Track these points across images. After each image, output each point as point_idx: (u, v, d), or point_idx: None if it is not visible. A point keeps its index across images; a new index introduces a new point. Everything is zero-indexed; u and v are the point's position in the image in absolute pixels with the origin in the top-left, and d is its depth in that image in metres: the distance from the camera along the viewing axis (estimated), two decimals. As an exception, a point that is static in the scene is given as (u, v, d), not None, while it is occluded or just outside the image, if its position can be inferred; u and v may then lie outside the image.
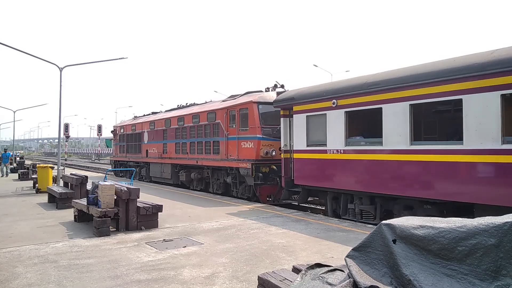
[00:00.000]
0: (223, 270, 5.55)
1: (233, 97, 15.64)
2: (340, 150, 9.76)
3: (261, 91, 14.55)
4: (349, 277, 3.20)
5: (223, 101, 16.05)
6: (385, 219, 10.86)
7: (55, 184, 15.72)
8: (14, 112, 38.76)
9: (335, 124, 9.88)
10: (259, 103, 13.52)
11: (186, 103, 20.32)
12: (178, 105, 21.20)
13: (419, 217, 3.40)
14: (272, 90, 14.38)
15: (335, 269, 3.57)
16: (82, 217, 9.27)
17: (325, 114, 10.16)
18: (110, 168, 26.18)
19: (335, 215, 10.35)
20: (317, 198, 12.16)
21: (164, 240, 7.44)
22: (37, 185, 16.27)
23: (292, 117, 11.53)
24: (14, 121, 39.32)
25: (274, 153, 13.17)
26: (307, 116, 10.83)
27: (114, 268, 5.69)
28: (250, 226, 8.67)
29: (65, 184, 13.71)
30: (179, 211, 10.84)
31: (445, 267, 2.89)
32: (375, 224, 8.70)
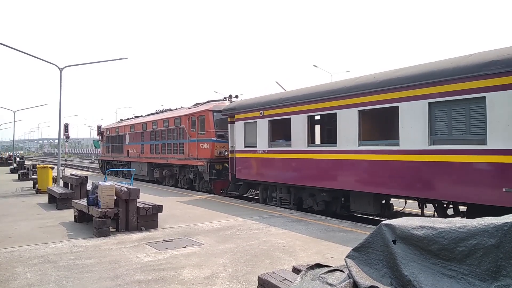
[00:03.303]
0: (223, 270, 5.55)
1: (196, 105, 17.79)
2: (266, 150, 12.25)
3: (220, 100, 16.97)
4: (349, 278, 3.21)
5: (189, 108, 18.20)
6: (298, 204, 11.94)
7: (55, 185, 15.72)
8: (14, 112, 38.70)
9: (263, 129, 12.35)
10: (214, 111, 15.76)
11: (163, 109, 22.69)
12: (156, 110, 23.42)
13: (419, 218, 3.40)
14: (228, 100, 16.60)
15: (335, 270, 3.58)
16: (82, 218, 9.27)
17: (256, 121, 12.64)
18: (110, 169, 26.29)
19: (265, 202, 12.74)
20: (254, 190, 14.93)
21: (164, 240, 7.44)
22: (37, 185, 16.26)
23: (235, 123, 13.80)
24: (14, 121, 39.26)
25: (226, 153, 15.19)
26: (244, 123, 13.27)
27: (114, 268, 5.69)
28: (250, 226, 8.67)
29: (65, 185, 13.72)
30: (178, 211, 10.86)
31: (445, 268, 2.89)
32: (290, 208, 11.51)
